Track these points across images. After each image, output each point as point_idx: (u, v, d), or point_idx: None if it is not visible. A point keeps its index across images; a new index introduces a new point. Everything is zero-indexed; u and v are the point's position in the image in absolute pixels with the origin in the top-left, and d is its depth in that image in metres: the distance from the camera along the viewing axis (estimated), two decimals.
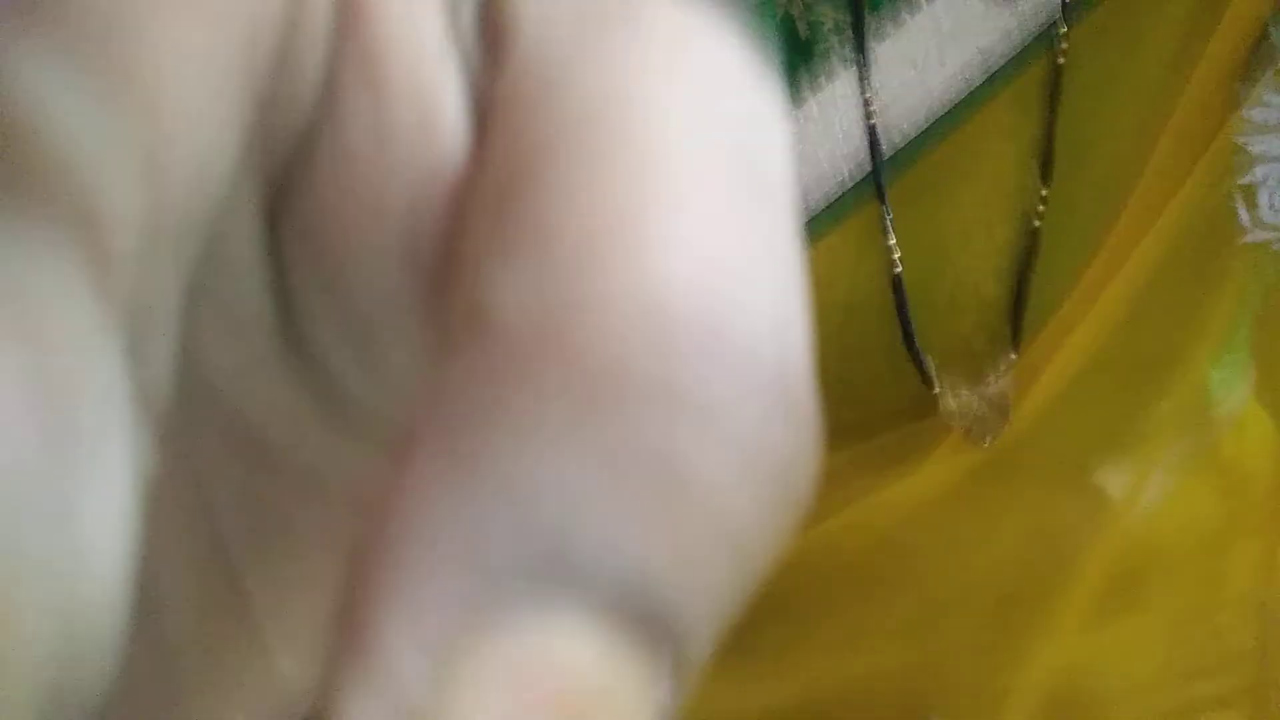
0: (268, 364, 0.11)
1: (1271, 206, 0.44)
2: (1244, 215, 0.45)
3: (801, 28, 0.50)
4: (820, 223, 0.52)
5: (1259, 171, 0.44)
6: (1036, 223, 0.48)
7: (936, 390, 0.49)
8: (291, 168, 0.10)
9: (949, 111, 0.50)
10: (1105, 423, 0.51)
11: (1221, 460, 0.53)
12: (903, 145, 0.50)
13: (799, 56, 0.50)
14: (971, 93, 0.48)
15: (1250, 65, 0.45)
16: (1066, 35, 0.47)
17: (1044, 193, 0.47)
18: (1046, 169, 0.47)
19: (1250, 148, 0.44)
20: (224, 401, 0.11)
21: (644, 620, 0.08)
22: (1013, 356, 0.49)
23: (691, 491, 0.08)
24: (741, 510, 0.08)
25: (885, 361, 0.52)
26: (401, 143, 0.10)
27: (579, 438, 0.08)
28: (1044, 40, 0.48)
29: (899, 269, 0.49)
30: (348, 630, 0.08)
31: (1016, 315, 0.49)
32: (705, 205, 0.09)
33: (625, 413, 0.08)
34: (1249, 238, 0.45)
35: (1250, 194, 0.45)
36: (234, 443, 0.12)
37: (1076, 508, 0.52)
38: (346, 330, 0.11)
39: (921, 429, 0.52)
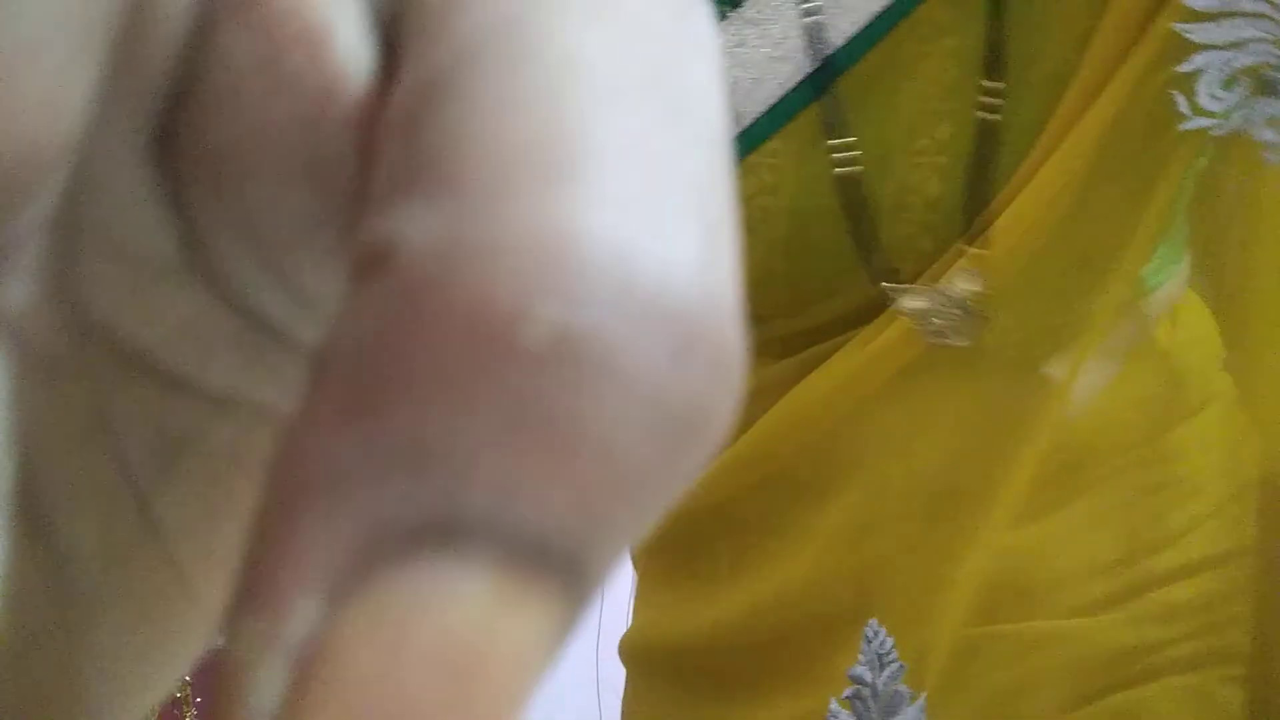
0: (165, 289, 0.11)
1: (1211, 94, 0.45)
2: (1182, 103, 0.46)
3: None
4: (761, 127, 0.52)
5: (1199, 59, 0.45)
6: (989, 115, 0.48)
7: (885, 287, 0.49)
8: (176, 95, 0.10)
9: (887, 9, 0.50)
10: (1050, 316, 0.52)
11: (1157, 347, 0.54)
12: (842, 45, 0.50)
13: None
14: None
15: None
16: None
17: (1000, 85, 0.47)
18: (998, 61, 0.47)
19: (1190, 35, 0.45)
20: (116, 327, 0.11)
21: (536, 571, 0.08)
22: (964, 250, 0.49)
23: (588, 446, 0.08)
24: (642, 460, 0.08)
25: (832, 266, 0.52)
26: (285, 61, 0.10)
27: (475, 391, 0.08)
28: None
29: (843, 168, 0.49)
30: (244, 571, 0.08)
31: (970, 210, 0.49)
32: (619, 143, 0.08)
33: (522, 366, 0.08)
34: (1187, 125, 0.46)
35: (1189, 82, 0.46)
36: (133, 366, 0.12)
37: (1019, 401, 0.53)
38: (257, 254, 0.11)
39: (865, 331, 0.52)
